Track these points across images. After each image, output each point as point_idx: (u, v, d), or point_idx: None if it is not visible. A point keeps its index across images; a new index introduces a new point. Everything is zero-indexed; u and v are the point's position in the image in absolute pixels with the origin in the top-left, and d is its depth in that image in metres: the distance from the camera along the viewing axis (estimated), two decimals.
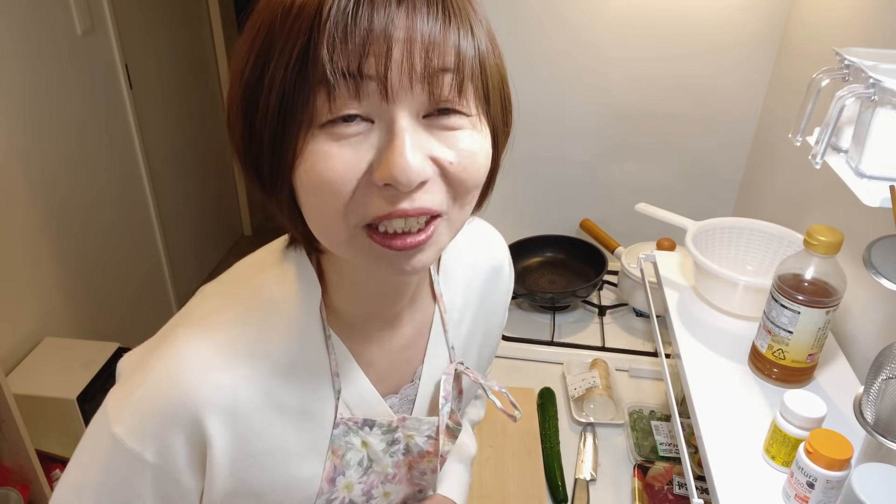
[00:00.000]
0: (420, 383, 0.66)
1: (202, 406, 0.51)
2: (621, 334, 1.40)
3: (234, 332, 0.54)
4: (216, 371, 0.52)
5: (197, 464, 0.54)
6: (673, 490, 1.03)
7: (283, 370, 0.55)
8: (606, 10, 1.36)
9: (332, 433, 0.60)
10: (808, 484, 0.61)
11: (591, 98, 1.47)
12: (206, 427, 0.52)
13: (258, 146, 0.46)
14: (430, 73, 0.43)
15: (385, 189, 0.44)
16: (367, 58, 0.42)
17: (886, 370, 0.59)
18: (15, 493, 1.47)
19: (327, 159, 0.44)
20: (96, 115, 2.07)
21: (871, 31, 0.95)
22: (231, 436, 0.53)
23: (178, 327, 0.55)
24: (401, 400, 0.66)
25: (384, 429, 0.63)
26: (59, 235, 1.92)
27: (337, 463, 0.61)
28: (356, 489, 0.64)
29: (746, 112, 1.43)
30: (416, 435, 0.66)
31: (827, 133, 0.63)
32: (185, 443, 0.53)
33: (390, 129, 0.44)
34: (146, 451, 0.52)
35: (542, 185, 1.60)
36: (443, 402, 0.65)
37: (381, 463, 0.64)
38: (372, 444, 0.63)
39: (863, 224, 0.84)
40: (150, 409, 0.52)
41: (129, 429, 0.52)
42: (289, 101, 0.43)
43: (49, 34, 1.84)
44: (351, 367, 0.60)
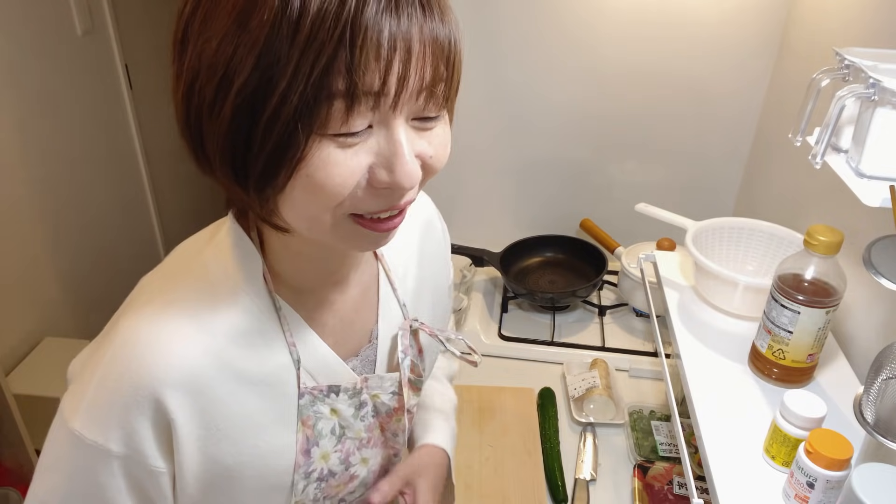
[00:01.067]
0: (378, 343, 0.68)
1: (160, 384, 0.51)
2: (621, 334, 1.40)
3: (180, 310, 0.54)
4: (168, 348, 0.52)
5: (165, 445, 0.54)
6: (673, 490, 1.03)
7: (235, 341, 0.55)
8: (606, 9, 1.36)
9: (298, 404, 0.60)
10: (808, 484, 0.61)
11: (591, 98, 1.47)
12: (167, 405, 0.51)
13: (251, 147, 0.46)
14: (429, 85, 0.46)
15: (384, 190, 0.47)
16: (389, 75, 0.43)
17: (886, 370, 0.59)
18: (15, 493, 1.47)
19: (334, 166, 0.45)
20: (96, 115, 2.07)
21: (871, 31, 0.95)
22: (194, 410, 0.53)
23: (123, 316, 0.54)
24: (361, 362, 0.67)
25: (349, 393, 0.64)
26: (58, 235, 1.92)
27: (309, 434, 0.61)
28: (333, 458, 0.64)
29: (746, 112, 1.43)
30: (381, 393, 0.66)
31: (827, 133, 0.63)
32: (149, 426, 0.52)
33: (391, 137, 0.46)
34: (110, 441, 0.52)
35: (542, 185, 1.60)
36: (401, 356, 0.67)
37: (353, 428, 0.65)
38: (341, 410, 0.63)
39: (863, 224, 0.84)
40: (108, 398, 0.51)
41: (88, 422, 0.52)
42: (305, 113, 0.43)
43: (49, 34, 1.83)
44: (306, 333, 0.60)
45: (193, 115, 0.48)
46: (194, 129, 0.48)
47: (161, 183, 2.49)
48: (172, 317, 0.53)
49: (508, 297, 1.48)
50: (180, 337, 0.52)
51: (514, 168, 1.58)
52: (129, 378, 0.51)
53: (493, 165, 1.58)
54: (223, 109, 0.45)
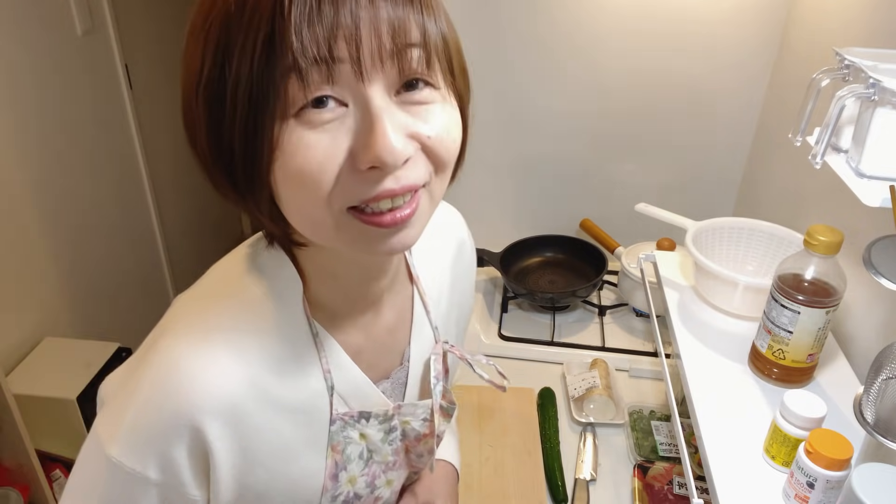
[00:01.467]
0: (409, 365, 0.67)
1: (200, 413, 0.51)
2: (621, 334, 1.40)
3: (219, 336, 0.53)
4: (208, 376, 0.51)
5: (201, 474, 0.54)
6: (673, 490, 1.03)
7: (273, 368, 0.55)
8: (607, 10, 1.36)
9: (329, 430, 0.60)
10: (808, 484, 0.61)
11: (592, 98, 1.47)
12: (206, 434, 0.51)
13: (228, 146, 0.45)
14: (399, 48, 0.44)
15: (370, 172, 0.44)
16: (336, 41, 0.41)
17: (886, 370, 0.59)
18: (15, 493, 1.47)
19: (306, 149, 0.43)
20: (96, 115, 2.07)
21: (871, 31, 0.95)
22: (232, 439, 0.53)
23: (161, 339, 0.54)
24: (392, 384, 0.66)
25: (380, 419, 0.63)
26: (58, 235, 1.92)
27: (338, 459, 0.61)
28: (360, 482, 0.64)
29: (746, 112, 1.43)
30: (412, 420, 0.66)
31: (827, 133, 0.63)
32: (187, 454, 0.52)
33: (367, 111, 0.44)
34: (148, 469, 0.51)
35: (542, 185, 1.60)
36: (434, 381, 0.66)
37: (380, 452, 0.64)
38: (370, 435, 0.63)
39: (863, 224, 0.84)
40: (147, 425, 0.51)
41: (126, 450, 0.51)
42: (258, 94, 0.42)
43: (49, 34, 1.83)
44: (341, 358, 0.59)
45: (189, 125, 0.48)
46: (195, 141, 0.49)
47: (161, 183, 2.49)
48: (213, 345, 0.52)
49: (508, 297, 1.48)
50: (221, 366, 0.52)
51: (514, 168, 1.58)
52: (170, 406, 0.50)
53: (493, 165, 1.58)
54: (198, 108, 0.45)
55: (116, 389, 0.55)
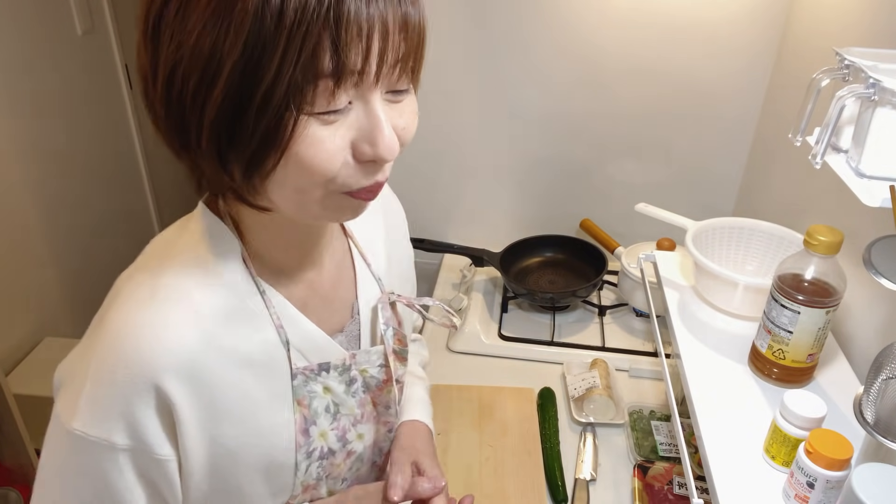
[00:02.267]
0: (360, 317, 0.69)
1: (157, 370, 0.51)
2: (621, 334, 1.40)
3: (166, 295, 0.54)
4: (161, 334, 0.52)
5: (168, 432, 0.54)
6: (673, 490, 1.03)
7: (225, 322, 0.56)
8: (607, 9, 1.36)
9: (292, 385, 0.61)
10: (808, 484, 0.61)
11: (591, 98, 1.47)
12: (166, 390, 0.52)
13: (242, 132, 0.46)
14: (405, 57, 0.48)
15: (368, 164, 0.50)
16: (371, 53, 0.46)
17: (886, 370, 0.59)
18: (15, 493, 1.47)
19: (320, 143, 0.47)
20: (96, 115, 2.07)
21: (871, 31, 0.95)
22: (193, 393, 0.53)
23: (108, 312, 0.54)
24: (347, 337, 0.68)
25: (339, 370, 0.65)
26: (58, 235, 1.92)
27: (306, 413, 0.62)
28: (330, 436, 0.65)
29: (746, 112, 1.43)
30: (369, 367, 0.68)
31: (827, 133, 0.63)
32: (151, 413, 0.52)
33: (370, 111, 0.48)
34: (113, 434, 0.52)
35: (542, 185, 1.60)
36: (383, 327, 0.69)
37: (346, 405, 0.66)
38: (333, 387, 0.65)
39: (863, 224, 0.84)
40: (106, 391, 0.51)
41: (88, 420, 0.51)
42: (295, 94, 0.44)
43: (49, 34, 1.84)
44: (291, 313, 0.61)
45: (175, 104, 0.48)
46: (175, 118, 0.49)
47: (161, 183, 2.49)
48: (159, 304, 0.53)
49: (508, 297, 1.48)
50: (171, 322, 0.53)
51: (514, 168, 1.58)
52: (126, 368, 0.51)
53: (494, 165, 1.58)
54: (211, 96, 0.46)
55: (71, 370, 0.55)
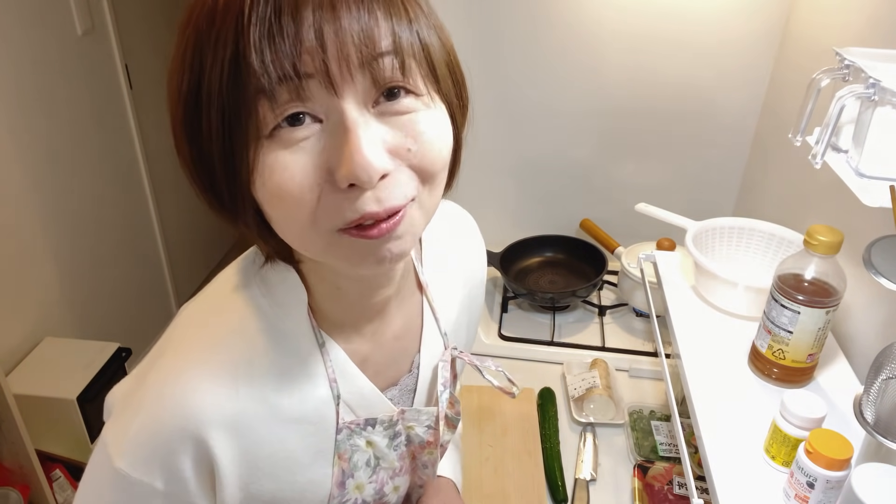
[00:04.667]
0: (419, 372, 0.66)
1: (203, 425, 0.51)
2: (621, 334, 1.40)
3: (223, 348, 0.53)
4: (212, 388, 0.52)
5: (207, 484, 0.54)
6: (673, 490, 1.03)
7: (278, 380, 0.55)
8: (607, 9, 1.36)
9: (336, 439, 0.60)
10: (808, 484, 0.61)
11: (591, 98, 1.47)
12: (210, 446, 0.52)
13: (209, 167, 0.45)
14: (368, 58, 0.42)
15: (350, 190, 0.43)
16: (300, 56, 0.40)
17: (886, 370, 0.59)
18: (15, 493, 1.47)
19: (283, 170, 0.42)
20: (96, 115, 2.07)
21: (871, 31, 0.95)
22: (236, 450, 0.53)
23: (167, 351, 0.54)
24: (401, 391, 0.66)
25: (385, 424, 0.63)
26: (58, 235, 1.92)
27: (345, 467, 0.61)
28: (367, 489, 0.64)
29: (746, 112, 1.43)
30: (416, 426, 0.65)
31: (827, 133, 0.63)
32: (192, 465, 0.52)
33: (341, 125, 0.42)
34: (155, 479, 0.52)
35: (542, 185, 1.60)
36: (441, 389, 0.65)
37: (387, 458, 0.64)
38: (376, 441, 0.63)
39: (863, 224, 0.84)
40: (152, 437, 0.51)
41: (133, 461, 0.51)
42: (230, 114, 0.41)
43: (49, 34, 1.84)
44: (347, 367, 0.59)
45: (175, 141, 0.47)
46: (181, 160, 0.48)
47: (161, 183, 2.49)
48: (216, 359, 0.53)
49: (508, 297, 1.48)
50: (223, 380, 0.52)
51: (514, 168, 1.58)
52: (172, 420, 0.51)
53: (493, 165, 1.58)
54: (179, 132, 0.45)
55: (123, 400, 0.55)
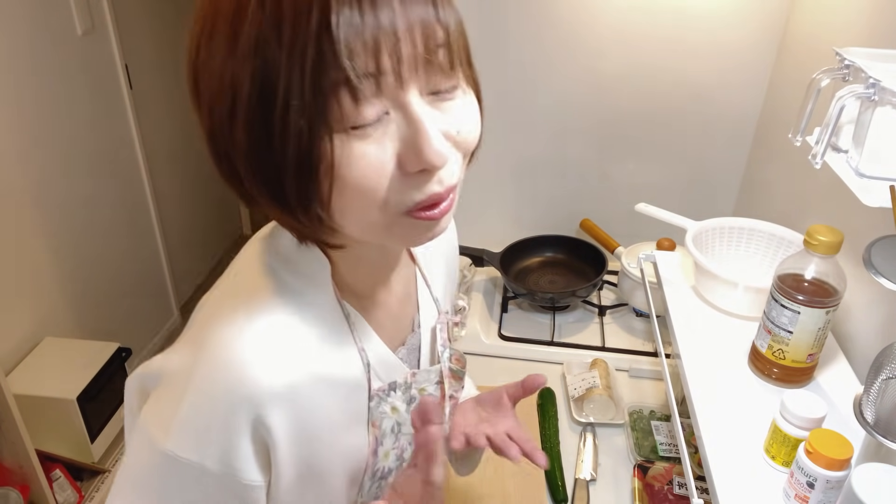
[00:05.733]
0: (420, 332, 0.70)
1: (263, 400, 0.51)
2: (621, 334, 1.40)
3: (263, 324, 0.54)
4: (263, 360, 0.52)
5: (262, 458, 0.54)
6: (673, 490, 1.03)
7: (317, 349, 0.56)
8: (607, 9, 1.36)
9: (369, 406, 0.62)
10: (808, 484, 0.61)
11: (591, 98, 1.47)
12: (268, 420, 0.52)
13: (276, 167, 0.46)
14: (430, 51, 0.45)
15: (418, 174, 0.47)
16: (381, 54, 0.43)
17: (886, 370, 0.59)
18: (15, 493, 1.47)
19: (361, 160, 0.45)
20: (96, 115, 2.07)
21: (871, 31, 0.95)
22: (292, 421, 0.54)
23: (206, 332, 0.54)
24: (408, 351, 0.69)
25: (402, 388, 0.66)
26: (58, 235, 1.92)
27: (377, 434, 0.63)
28: (391, 456, 0.66)
29: (746, 112, 1.43)
30: (427, 385, 0.69)
31: (827, 133, 0.63)
32: (248, 442, 0.52)
33: (409, 116, 0.45)
34: (206, 459, 0.51)
35: (542, 185, 1.60)
36: (441, 348, 0.71)
37: (406, 424, 0.67)
38: (398, 406, 0.65)
39: (863, 224, 0.84)
40: (206, 418, 0.51)
41: (182, 442, 0.51)
42: (311, 113, 0.43)
43: (49, 35, 1.84)
44: (370, 336, 0.62)
45: (221, 145, 0.48)
46: (224, 161, 0.49)
47: (161, 182, 2.50)
48: (259, 333, 0.53)
49: (508, 297, 1.48)
50: (271, 353, 0.53)
51: (515, 168, 1.58)
52: (228, 395, 0.51)
53: (493, 165, 1.58)
54: (237, 129, 0.45)
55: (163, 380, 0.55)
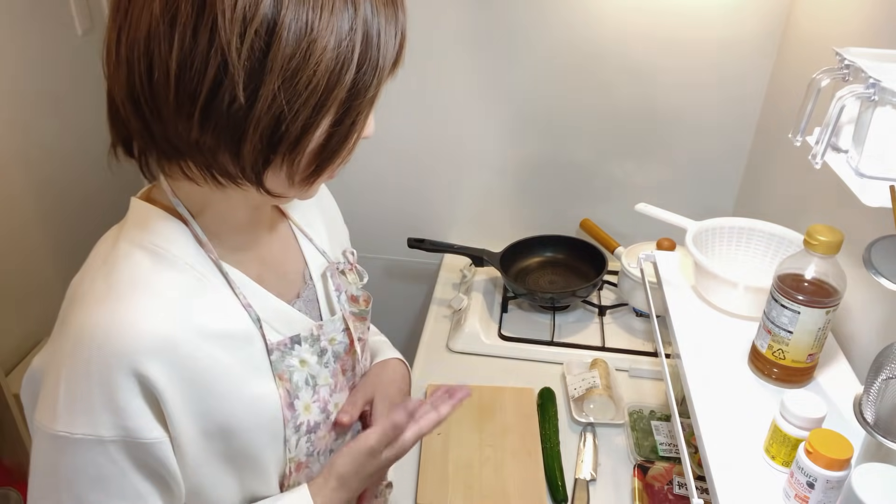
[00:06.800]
0: (314, 284, 0.72)
1: (133, 355, 0.51)
2: (621, 334, 1.40)
3: (125, 287, 0.54)
4: (130, 319, 0.52)
5: (156, 413, 0.54)
6: (673, 490, 1.03)
7: (190, 302, 0.56)
8: (606, 9, 1.36)
9: (270, 360, 0.62)
10: (808, 484, 0.61)
11: (591, 98, 1.47)
12: (146, 373, 0.52)
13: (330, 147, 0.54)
14: None
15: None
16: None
17: (886, 370, 0.59)
18: (15, 492, 1.47)
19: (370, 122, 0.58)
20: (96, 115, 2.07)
21: (871, 31, 0.95)
22: (173, 372, 0.53)
23: (68, 314, 0.55)
24: (305, 302, 0.70)
25: (309, 341, 0.67)
26: (59, 235, 1.92)
27: (288, 387, 0.64)
28: (314, 409, 0.67)
29: (746, 112, 1.43)
30: (335, 334, 0.71)
31: (827, 133, 0.63)
32: (134, 398, 0.52)
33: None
34: (99, 427, 0.51)
35: (542, 185, 1.60)
36: (336, 293, 0.74)
37: (321, 376, 0.68)
38: (307, 359, 0.66)
39: (863, 224, 0.84)
40: (84, 386, 0.51)
41: (71, 418, 0.51)
42: (374, 95, 0.54)
43: (49, 34, 1.84)
44: (255, 290, 0.63)
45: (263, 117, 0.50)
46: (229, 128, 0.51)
47: None
48: (120, 293, 0.53)
49: (508, 297, 1.48)
50: (136, 306, 0.53)
51: (514, 168, 1.58)
52: (100, 358, 0.51)
53: (493, 165, 1.58)
54: (315, 127, 0.52)
55: (38, 378, 0.55)
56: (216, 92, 0.48)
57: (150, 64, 0.49)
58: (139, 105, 0.51)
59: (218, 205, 0.60)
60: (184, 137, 0.51)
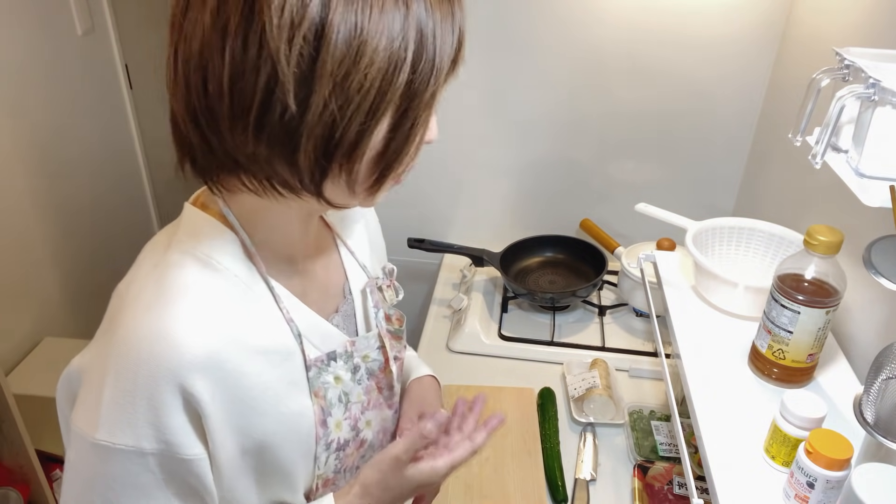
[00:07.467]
0: (353, 298, 0.72)
1: (180, 369, 0.51)
2: (621, 334, 1.40)
3: (178, 295, 0.54)
4: (178, 332, 0.52)
5: (196, 429, 0.54)
6: (673, 490, 1.03)
7: (236, 315, 0.56)
8: (607, 9, 1.36)
9: (307, 376, 0.62)
10: (808, 484, 0.61)
11: (592, 98, 1.47)
12: (191, 388, 0.51)
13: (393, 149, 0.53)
14: None
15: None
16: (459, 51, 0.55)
17: (886, 370, 0.59)
18: (15, 493, 1.47)
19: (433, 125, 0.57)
20: (96, 115, 2.07)
21: (871, 31, 0.95)
22: (217, 387, 0.53)
23: (116, 318, 0.54)
24: (343, 318, 0.70)
25: (344, 357, 0.67)
26: (58, 235, 1.92)
27: (323, 405, 0.64)
28: (344, 426, 0.67)
29: (746, 112, 1.43)
30: (369, 351, 0.70)
31: (827, 133, 0.63)
32: (178, 413, 0.52)
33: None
34: (141, 440, 0.51)
35: (542, 185, 1.60)
36: (374, 310, 0.73)
37: (354, 393, 0.68)
38: (342, 376, 0.66)
39: (863, 224, 0.84)
40: (130, 397, 0.51)
41: (114, 428, 0.51)
42: (437, 96, 0.54)
43: (49, 34, 1.83)
44: (297, 306, 0.63)
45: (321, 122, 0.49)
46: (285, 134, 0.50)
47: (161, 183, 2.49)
48: (168, 302, 0.53)
49: (508, 297, 1.48)
50: (185, 319, 0.52)
51: (514, 168, 1.58)
52: (147, 370, 0.51)
53: (493, 165, 1.58)
54: (371, 133, 0.51)
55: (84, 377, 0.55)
56: (268, 102, 0.47)
57: (205, 77, 0.48)
58: (197, 120, 0.51)
59: (271, 216, 0.59)
60: (241, 150, 0.51)
